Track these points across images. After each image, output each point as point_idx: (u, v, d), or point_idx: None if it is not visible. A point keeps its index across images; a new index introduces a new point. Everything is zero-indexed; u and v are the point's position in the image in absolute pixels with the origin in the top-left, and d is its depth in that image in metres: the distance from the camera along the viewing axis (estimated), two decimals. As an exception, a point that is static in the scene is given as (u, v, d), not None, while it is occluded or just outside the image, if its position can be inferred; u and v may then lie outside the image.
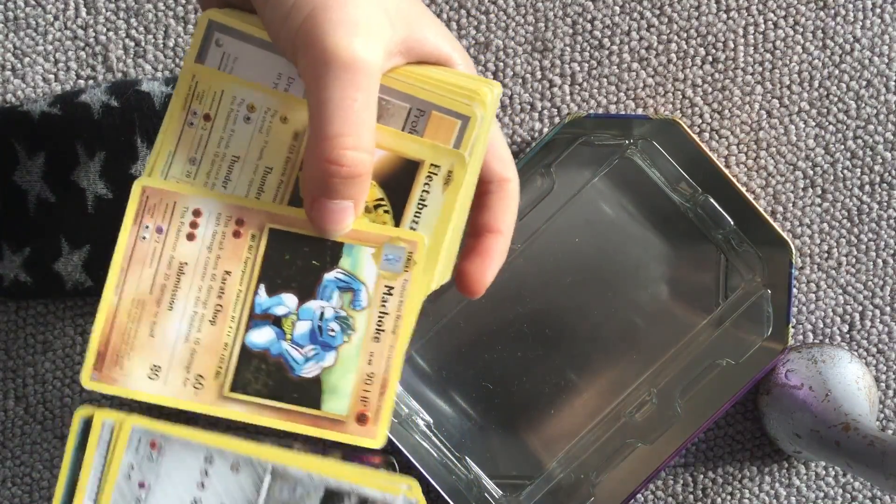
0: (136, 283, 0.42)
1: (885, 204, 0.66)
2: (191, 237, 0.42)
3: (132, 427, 0.41)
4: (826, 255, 0.67)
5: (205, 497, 0.41)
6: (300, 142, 0.42)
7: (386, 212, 0.42)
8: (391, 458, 0.42)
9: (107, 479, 0.41)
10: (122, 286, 0.42)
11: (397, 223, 0.42)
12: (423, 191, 0.42)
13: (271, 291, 0.42)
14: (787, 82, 0.66)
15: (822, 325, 0.67)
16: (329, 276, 0.42)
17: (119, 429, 0.41)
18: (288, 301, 0.42)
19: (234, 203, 0.42)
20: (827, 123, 0.66)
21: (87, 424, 0.41)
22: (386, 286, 0.42)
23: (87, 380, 0.41)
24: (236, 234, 0.42)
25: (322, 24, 0.38)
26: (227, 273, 0.42)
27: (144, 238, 0.42)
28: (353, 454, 0.42)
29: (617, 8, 0.65)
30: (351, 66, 0.38)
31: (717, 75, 0.66)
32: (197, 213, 0.42)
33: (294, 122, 0.42)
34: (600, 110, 0.66)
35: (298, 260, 0.42)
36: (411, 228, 0.42)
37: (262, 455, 0.41)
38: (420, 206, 0.42)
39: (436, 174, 0.42)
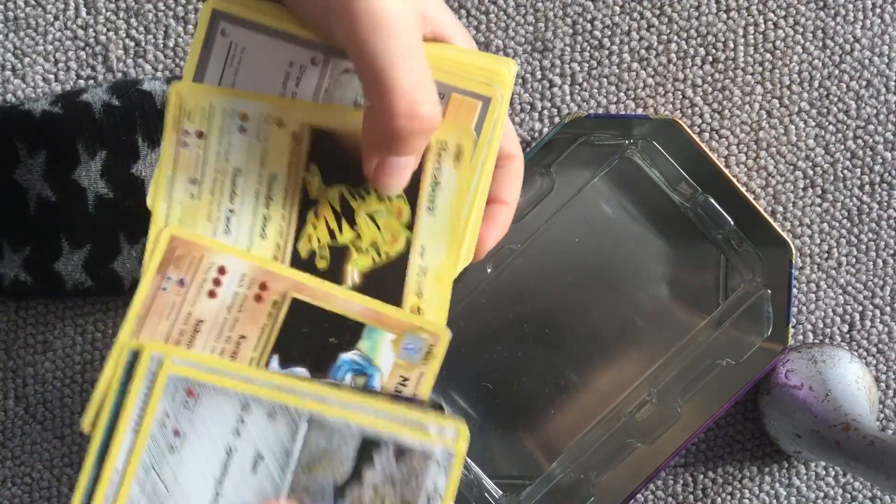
0: (151, 333, 0.41)
1: (885, 204, 0.66)
2: (212, 294, 0.41)
3: (168, 375, 0.40)
4: (826, 255, 0.67)
5: (240, 444, 0.40)
6: (300, 141, 0.42)
7: (399, 197, 0.42)
8: (440, 402, 0.42)
9: (141, 428, 0.40)
10: (138, 335, 0.41)
11: (413, 207, 0.42)
12: (434, 169, 0.42)
13: (284, 363, 0.41)
14: (787, 82, 0.66)
15: (822, 325, 0.67)
16: (345, 356, 0.41)
17: (156, 377, 0.40)
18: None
19: (260, 266, 0.41)
20: (827, 123, 0.66)
21: (134, 357, 0.40)
22: (401, 376, 0.42)
23: (89, 427, 0.41)
24: (258, 299, 0.41)
25: None
26: (243, 337, 0.41)
27: (165, 289, 0.41)
28: (401, 397, 0.41)
29: (617, 8, 0.65)
30: (402, 22, 0.37)
31: (717, 75, 0.66)
32: (222, 270, 0.41)
33: (290, 124, 0.42)
34: (600, 110, 0.66)
35: (316, 335, 0.41)
36: (427, 209, 0.42)
37: (299, 404, 0.40)
38: (433, 188, 0.42)
39: (445, 151, 0.41)
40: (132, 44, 0.64)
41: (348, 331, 0.41)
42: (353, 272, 0.42)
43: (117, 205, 0.60)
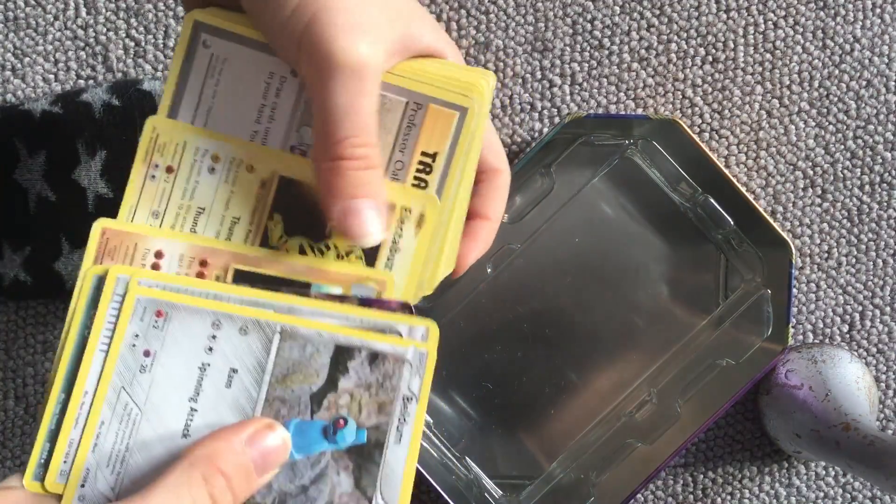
0: None
1: (885, 204, 0.66)
2: None
3: (136, 297, 0.40)
4: (826, 255, 0.67)
5: (213, 360, 0.40)
6: (267, 189, 0.42)
7: (358, 258, 0.42)
8: (408, 303, 0.42)
9: (111, 349, 0.40)
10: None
11: (371, 264, 0.42)
12: (396, 234, 0.42)
13: None
14: (787, 82, 0.66)
15: (822, 325, 0.67)
16: None
17: (123, 299, 0.40)
18: None
19: (197, 244, 0.42)
20: (827, 123, 0.66)
21: (99, 282, 0.41)
22: None
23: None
24: (199, 276, 0.42)
25: (326, 29, 0.38)
26: None
27: None
28: (369, 301, 0.42)
29: (617, 8, 0.65)
30: (357, 71, 0.38)
31: (717, 75, 0.66)
32: (159, 254, 0.42)
33: (260, 171, 0.42)
34: (600, 110, 0.66)
35: None
36: (385, 269, 0.42)
37: (271, 318, 0.40)
38: (392, 251, 0.42)
39: (408, 217, 0.42)
40: (132, 44, 0.64)
41: (294, 291, 0.42)
42: None
43: (117, 204, 0.59)
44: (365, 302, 0.42)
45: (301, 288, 0.42)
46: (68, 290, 0.61)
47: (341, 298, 0.41)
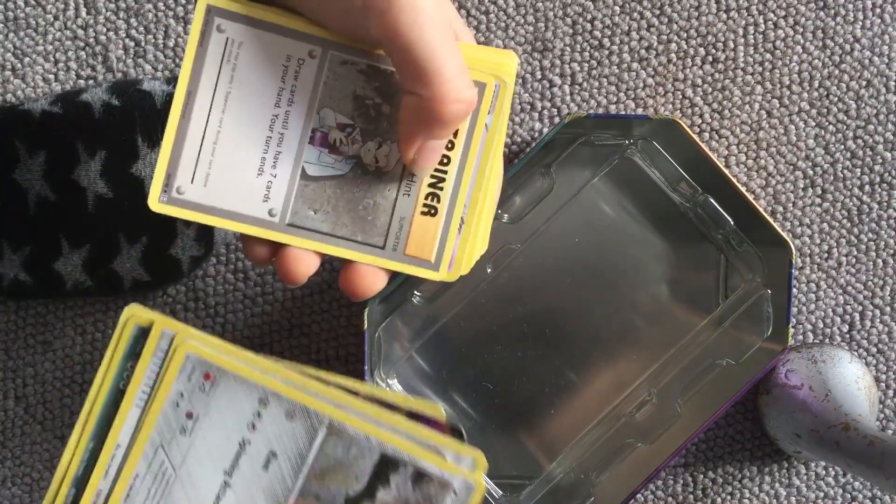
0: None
1: (885, 204, 0.66)
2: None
3: (186, 354, 0.39)
4: (826, 255, 0.67)
5: (255, 439, 0.39)
6: None
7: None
8: (460, 427, 0.40)
9: (153, 404, 0.39)
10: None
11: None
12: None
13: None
14: (787, 82, 0.66)
15: (822, 325, 0.67)
16: None
17: (172, 353, 0.39)
18: None
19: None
20: (827, 123, 0.66)
21: (139, 332, 0.39)
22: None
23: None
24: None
25: None
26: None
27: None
28: (419, 418, 0.40)
29: (617, 8, 0.65)
30: (439, 13, 0.39)
31: (717, 75, 0.66)
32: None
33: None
34: (600, 110, 0.66)
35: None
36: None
37: (321, 408, 0.39)
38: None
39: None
40: (132, 44, 0.64)
41: None
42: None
43: (117, 205, 0.60)
44: (414, 416, 0.40)
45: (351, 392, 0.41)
46: (68, 290, 0.61)
47: (391, 407, 0.40)
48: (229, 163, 0.42)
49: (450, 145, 0.42)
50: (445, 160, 0.42)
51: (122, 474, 0.39)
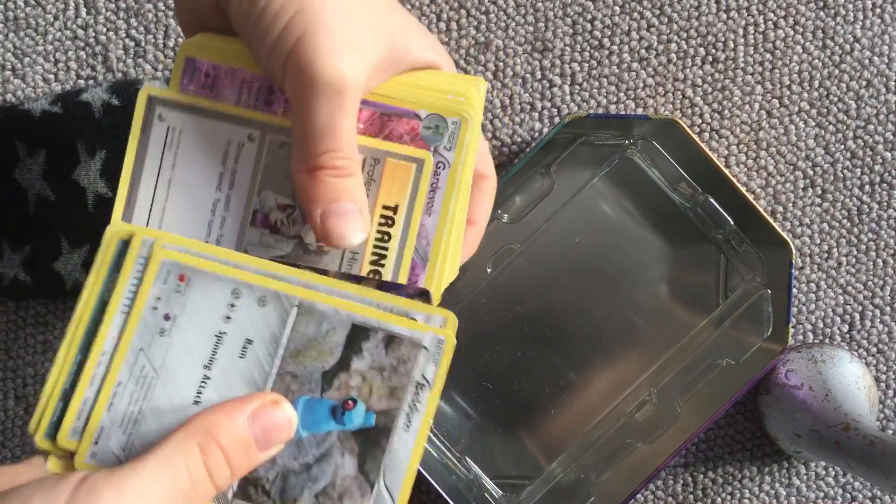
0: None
1: (885, 204, 0.66)
2: None
3: (161, 260, 0.40)
4: (826, 255, 0.67)
5: (230, 329, 0.40)
6: None
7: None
8: (427, 290, 0.42)
9: (133, 311, 0.40)
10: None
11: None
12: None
13: None
14: (787, 82, 0.66)
15: (822, 325, 0.67)
16: None
17: (149, 260, 0.40)
18: None
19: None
20: (827, 123, 0.66)
21: (123, 245, 0.41)
22: None
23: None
24: None
25: (309, 50, 0.39)
26: None
27: None
28: (388, 286, 0.42)
29: (617, 8, 0.65)
30: (337, 91, 0.39)
31: (717, 75, 0.66)
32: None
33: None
34: (600, 110, 0.66)
35: None
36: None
37: (290, 290, 0.40)
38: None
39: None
40: (132, 44, 0.65)
41: None
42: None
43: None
44: (384, 286, 0.41)
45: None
46: (68, 290, 0.61)
47: (359, 279, 0.41)
48: None
49: (393, 207, 0.42)
50: (390, 222, 0.42)
51: (106, 382, 0.40)
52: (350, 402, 0.40)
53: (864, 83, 0.66)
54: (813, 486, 0.67)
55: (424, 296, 0.42)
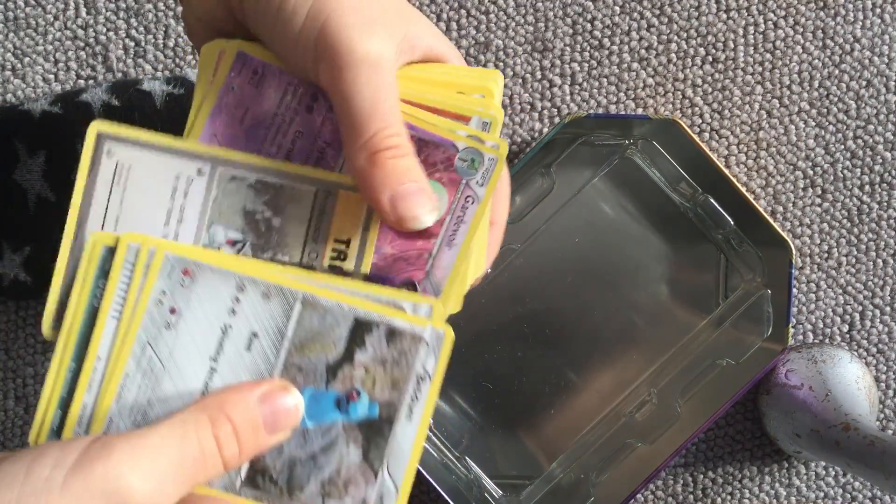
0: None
1: (885, 204, 0.66)
2: None
3: (165, 254, 0.41)
4: (826, 255, 0.67)
5: (235, 323, 0.41)
6: None
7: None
8: (413, 280, 0.42)
9: (138, 305, 0.41)
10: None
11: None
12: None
13: None
14: (787, 82, 0.66)
15: (822, 325, 0.67)
16: None
17: (153, 255, 0.41)
18: None
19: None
20: (827, 123, 0.66)
21: (108, 252, 0.41)
22: None
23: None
24: None
25: (341, 30, 0.38)
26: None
27: None
28: (374, 278, 0.43)
29: (617, 8, 0.65)
30: (376, 64, 0.39)
31: (717, 75, 0.66)
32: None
33: None
34: (600, 110, 0.66)
35: None
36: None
37: (294, 285, 0.41)
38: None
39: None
40: (132, 44, 0.64)
41: None
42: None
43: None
44: (370, 279, 0.42)
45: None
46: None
47: (345, 273, 0.42)
48: None
49: (346, 240, 0.42)
50: (342, 256, 0.42)
51: (115, 373, 0.41)
52: (354, 393, 0.41)
53: (864, 83, 0.66)
54: (813, 486, 0.67)
55: (410, 286, 0.42)
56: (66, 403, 0.41)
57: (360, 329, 0.41)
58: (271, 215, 0.43)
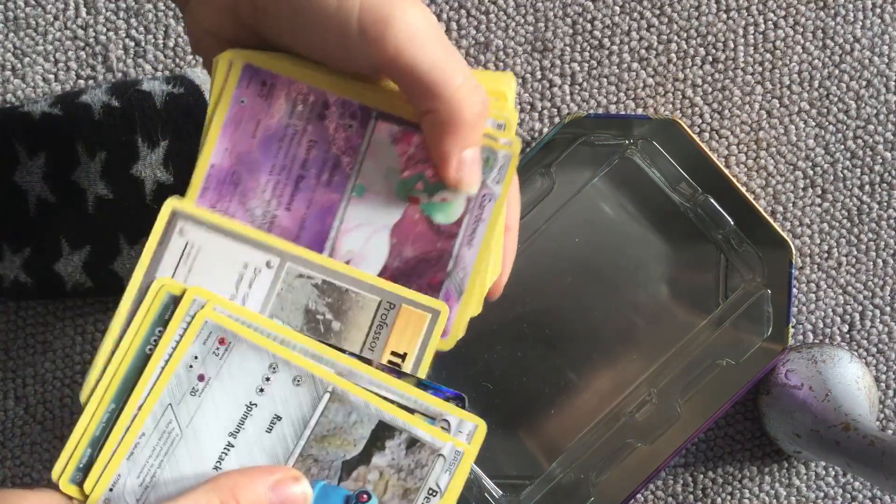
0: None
1: (885, 204, 0.66)
2: None
3: (205, 320, 0.41)
4: (826, 255, 0.67)
5: (261, 402, 0.41)
6: None
7: None
8: (462, 395, 0.42)
9: (167, 365, 0.41)
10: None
11: None
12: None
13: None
14: (787, 82, 0.66)
15: (822, 325, 0.67)
16: None
17: (192, 318, 0.41)
18: None
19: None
20: (827, 123, 0.66)
21: (172, 300, 0.41)
22: None
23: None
24: None
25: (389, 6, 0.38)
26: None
27: None
28: (427, 385, 0.42)
29: (617, 8, 0.65)
30: (431, 27, 0.39)
31: (717, 75, 0.66)
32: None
33: None
34: (600, 110, 0.66)
35: None
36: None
37: (326, 376, 0.41)
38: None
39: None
40: (132, 44, 0.64)
41: None
42: None
43: (117, 205, 0.60)
44: (423, 384, 0.42)
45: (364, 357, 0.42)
46: (68, 291, 0.61)
47: (400, 374, 0.42)
48: None
49: (402, 354, 0.42)
50: (400, 360, 0.42)
51: (130, 430, 0.41)
52: (364, 495, 0.41)
53: (864, 83, 0.66)
54: (813, 486, 0.67)
55: (459, 400, 0.42)
56: (97, 442, 0.41)
57: (382, 432, 0.41)
58: (332, 318, 0.42)
